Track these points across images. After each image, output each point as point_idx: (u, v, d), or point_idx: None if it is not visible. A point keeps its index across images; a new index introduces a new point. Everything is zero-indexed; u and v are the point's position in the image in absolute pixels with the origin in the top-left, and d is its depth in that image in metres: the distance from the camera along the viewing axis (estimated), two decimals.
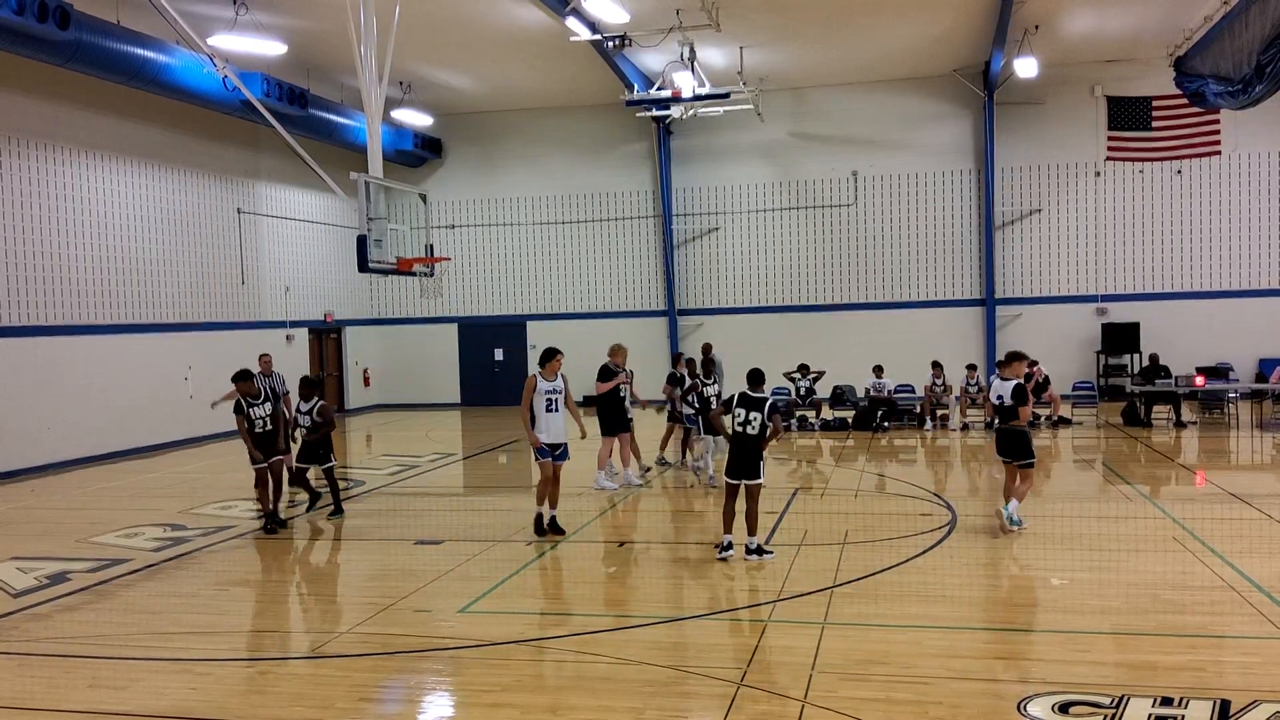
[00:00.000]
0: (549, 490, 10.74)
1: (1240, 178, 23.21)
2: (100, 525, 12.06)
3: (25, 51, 14.80)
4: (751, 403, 9.53)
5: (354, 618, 8.11)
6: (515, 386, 26.67)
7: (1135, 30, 21.06)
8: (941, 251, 24.78)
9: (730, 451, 9.63)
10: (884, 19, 19.91)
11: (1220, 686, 6.09)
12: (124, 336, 18.71)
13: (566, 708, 6.10)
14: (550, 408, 10.74)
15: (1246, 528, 10.66)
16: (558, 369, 10.91)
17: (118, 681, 6.80)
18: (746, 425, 9.48)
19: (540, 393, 10.73)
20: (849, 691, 6.18)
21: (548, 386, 10.75)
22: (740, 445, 9.52)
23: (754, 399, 9.55)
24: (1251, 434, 17.87)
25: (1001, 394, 10.48)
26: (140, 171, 19.38)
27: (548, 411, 10.73)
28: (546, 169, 26.62)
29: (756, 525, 9.58)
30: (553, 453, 10.71)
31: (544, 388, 10.73)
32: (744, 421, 9.49)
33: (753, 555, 9.48)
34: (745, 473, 9.49)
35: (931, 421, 19.37)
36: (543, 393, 10.73)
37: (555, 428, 10.77)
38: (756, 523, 9.58)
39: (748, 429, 9.47)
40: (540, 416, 10.72)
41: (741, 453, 9.50)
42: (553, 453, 10.71)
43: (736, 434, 9.55)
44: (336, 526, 11.86)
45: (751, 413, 9.48)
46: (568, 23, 17.91)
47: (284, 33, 18.23)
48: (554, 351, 11.00)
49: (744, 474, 9.49)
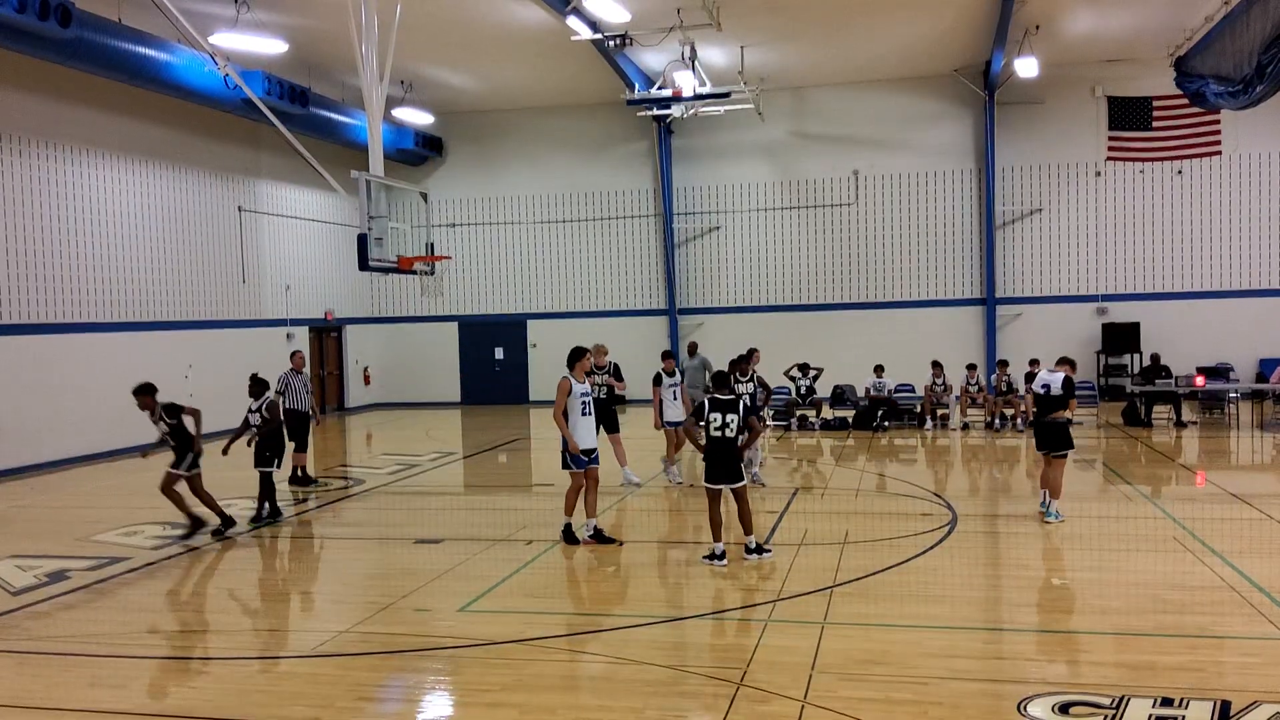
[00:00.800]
0: (589, 499, 10.20)
1: (1241, 178, 23.20)
2: (100, 523, 12.06)
3: (26, 49, 14.80)
4: (725, 406, 9.42)
5: (353, 617, 8.11)
6: (515, 385, 26.96)
7: (1136, 30, 21.05)
8: (942, 251, 24.78)
9: (708, 457, 9.48)
10: (884, 19, 19.90)
11: (1220, 687, 6.09)
12: (124, 334, 18.71)
13: (566, 707, 6.10)
14: (585, 411, 10.12)
15: (1246, 528, 10.66)
16: (588, 368, 10.42)
17: (117, 680, 6.80)
18: (725, 429, 9.37)
19: (575, 395, 10.06)
20: (849, 691, 6.18)
21: (581, 389, 10.14)
22: (720, 450, 9.41)
23: (726, 401, 9.44)
24: (1252, 434, 17.87)
25: (1049, 383, 10.78)
26: (141, 169, 19.38)
27: (583, 416, 10.08)
28: (547, 168, 26.61)
29: (751, 524, 9.58)
30: (588, 459, 10.13)
31: (578, 390, 10.09)
32: (721, 425, 9.37)
33: (752, 555, 9.46)
34: (726, 477, 9.42)
35: (932, 421, 19.37)
36: (577, 395, 10.07)
37: (590, 433, 10.18)
38: (750, 521, 9.58)
39: (726, 432, 9.38)
40: (576, 422, 10.04)
41: (721, 457, 9.41)
42: (588, 459, 10.13)
43: (714, 439, 9.42)
44: (319, 524, 11.84)
45: (728, 415, 9.37)
46: (569, 22, 17.91)
47: (285, 31, 18.22)
48: (582, 350, 10.33)
49: (725, 478, 9.42)
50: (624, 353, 25.02)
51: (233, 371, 21.34)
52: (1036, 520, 10.87)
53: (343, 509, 13.09)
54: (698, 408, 9.66)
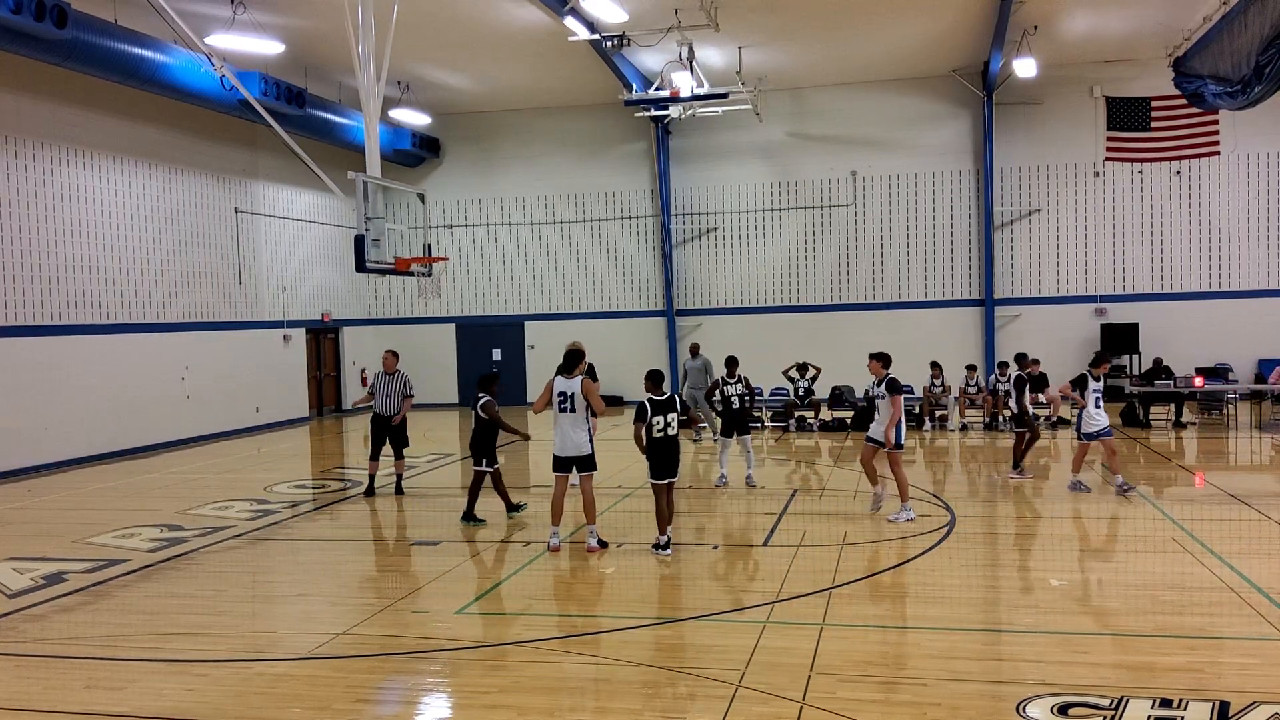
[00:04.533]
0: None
1: (1239, 178, 23.22)
2: (97, 526, 12.03)
3: (22, 50, 14.77)
4: (665, 406, 9.79)
5: (351, 619, 8.09)
6: (513, 386, 26.92)
7: (1134, 31, 21.06)
8: (940, 252, 24.78)
9: (658, 455, 9.84)
10: (883, 19, 19.90)
11: (1219, 688, 6.08)
12: (120, 336, 18.68)
13: (564, 709, 6.08)
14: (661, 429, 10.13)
15: (1245, 529, 10.65)
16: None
17: (114, 683, 6.77)
18: (667, 428, 9.79)
19: (555, 392, 10.04)
20: (847, 693, 6.16)
21: (561, 386, 10.00)
22: (668, 448, 9.86)
23: (663, 402, 9.83)
24: (1250, 435, 17.86)
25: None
26: (137, 171, 19.35)
27: (657, 433, 9.93)
28: (545, 169, 26.60)
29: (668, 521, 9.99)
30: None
31: (558, 387, 10.00)
32: (664, 426, 9.76)
33: (662, 551, 9.77)
34: (672, 471, 9.97)
35: (930, 422, 19.35)
36: (555, 392, 10.03)
37: (562, 435, 10.06)
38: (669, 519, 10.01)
39: (668, 431, 9.80)
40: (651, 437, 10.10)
41: (671, 454, 9.89)
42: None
43: (658, 440, 9.79)
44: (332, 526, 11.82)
45: (669, 415, 9.79)
46: (566, 22, 17.90)
47: (282, 32, 18.21)
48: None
49: (671, 473, 9.95)
50: (622, 354, 25.21)
51: (229, 373, 21.46)
52: (1031, 522, 10.84)
53: (340, 511, 13.07)
54: (640, 409, 9.75)
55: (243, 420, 21.68)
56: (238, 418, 21.54)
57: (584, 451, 9.99)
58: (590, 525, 10.15)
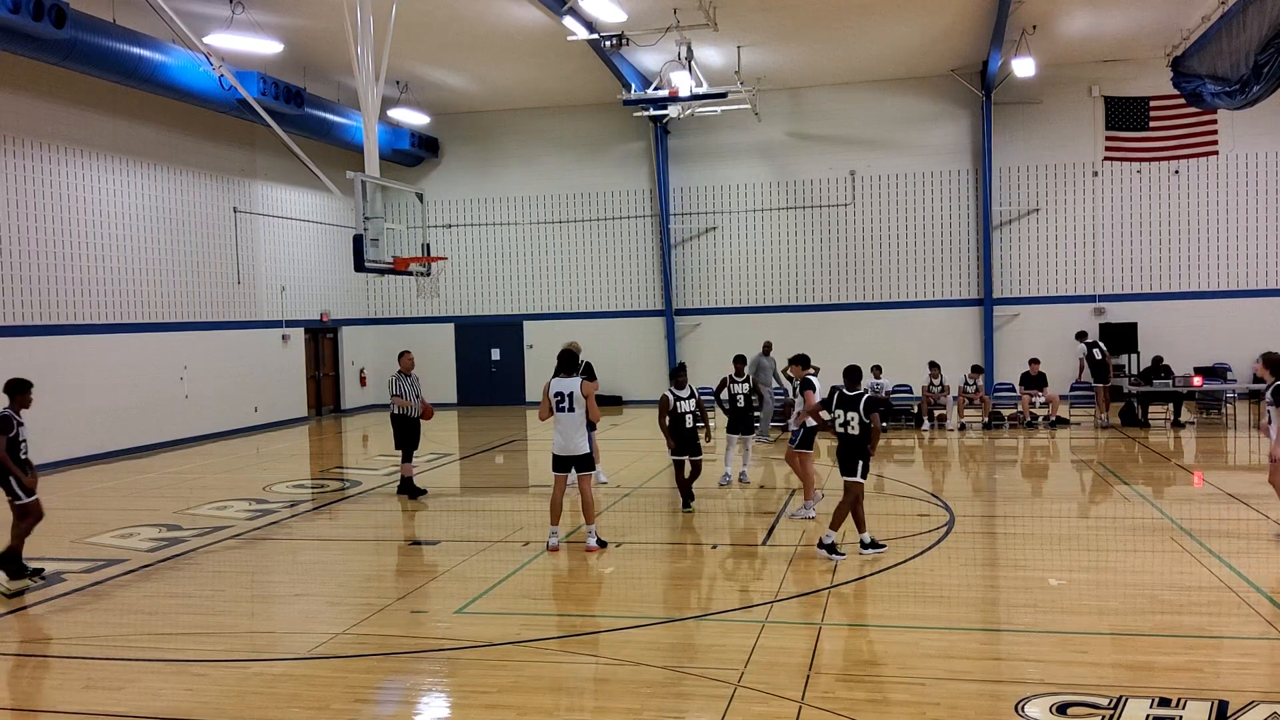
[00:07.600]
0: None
1: (1238, 178, 23.21)
2: (95, 525, 12.02)
3: (21, 49, 14.76)
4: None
5: (350, 619, 8.08)
6: (512, 387, 26.92)
7: (1133, 30, 21.06)
8: (939, 251, 24.78)
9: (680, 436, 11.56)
10: (881, 19, 19.89)
11: (1218, 687, 6.08)
12: (119, 336, 18.66)
13: (563, 709, 6.09)
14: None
15: (1244, 528, 10.64)
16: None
17: (113, 682, 6.77)
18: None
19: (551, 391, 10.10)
20: (846, 692, 6.17)
21: (557, 386, 9.99)
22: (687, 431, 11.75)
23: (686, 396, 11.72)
24: (1249, 434, 17.86)
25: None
26: (136, 170, 19.33)
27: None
28: (543, 168, 26.59)
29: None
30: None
31: (554, 387, 10.00)
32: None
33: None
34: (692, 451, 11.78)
35: (929, 422, 19.36)
36: (552, 391, 10.06)
37: (560, 435, 10.10)
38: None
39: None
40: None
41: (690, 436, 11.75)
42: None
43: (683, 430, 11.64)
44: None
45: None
46: (565, 22, 17.89)
47: (280, 32, 18.19)
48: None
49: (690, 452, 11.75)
50: (621, 353, 25.22)
51: (228, 373, 21.45)
52: (1030, 521, 10.84)
53: (339, 510, 13.07)
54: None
55: (241, 420, 21.66)
56: (236, 418, 21.51)
57: (581, 451, 9.99)
58: (589, 525, 10.15)
